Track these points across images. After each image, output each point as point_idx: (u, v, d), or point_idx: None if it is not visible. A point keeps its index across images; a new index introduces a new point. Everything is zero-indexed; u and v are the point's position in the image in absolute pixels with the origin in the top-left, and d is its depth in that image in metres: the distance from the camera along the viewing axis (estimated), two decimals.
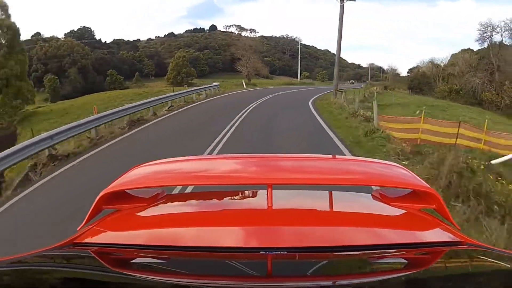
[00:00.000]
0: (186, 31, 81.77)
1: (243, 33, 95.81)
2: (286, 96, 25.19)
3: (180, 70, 52.41)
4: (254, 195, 1.13)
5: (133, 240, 0.86)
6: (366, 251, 0.79)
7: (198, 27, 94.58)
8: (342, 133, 9.90)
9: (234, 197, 1.14)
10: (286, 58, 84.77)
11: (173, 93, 18.92)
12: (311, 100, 20.28)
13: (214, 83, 26.42)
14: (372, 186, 1.13)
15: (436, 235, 0.90)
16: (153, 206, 1.03)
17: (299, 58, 52.87)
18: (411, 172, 1.13)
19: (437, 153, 6.14)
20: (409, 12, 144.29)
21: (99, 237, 0.89)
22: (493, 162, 7.85)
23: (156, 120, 13.62)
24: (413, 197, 1.03)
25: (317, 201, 1.12)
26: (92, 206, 0.99)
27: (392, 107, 22.56)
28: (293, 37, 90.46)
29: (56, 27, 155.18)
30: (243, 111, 14.91)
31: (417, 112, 15.07)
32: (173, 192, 2.84)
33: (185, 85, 32.20)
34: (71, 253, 0.84)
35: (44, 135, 8.79)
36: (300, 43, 74.55)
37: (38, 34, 61.99)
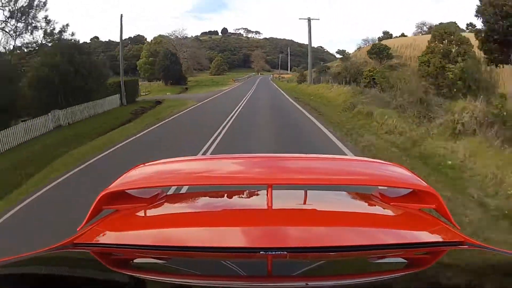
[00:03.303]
0: (201, 33, 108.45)
1: (250, 35, 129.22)
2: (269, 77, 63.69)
3: (219, 66, 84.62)
4: (254, 195, 1.13)
5: (133, 240, 0.86)
6: (366, 251, 0.79)
7: (211, 30, 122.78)
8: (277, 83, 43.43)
9: (234, 197, 1.15)
10: (283, 56, 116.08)
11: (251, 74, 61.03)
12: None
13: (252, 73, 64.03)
14: (372, 186, 1.15)
15: (436, 235, 0.90)
16: (153, 206, 1.04)
17: (288, 57, 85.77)
18: (411, 172, 1.13)
19: None
20: None
21: (99, 237, 0.89)
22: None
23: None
24: (413, 197, 1.03)
25: (317, 201, 1.13)
26: (92, 206, 0.99)
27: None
28: (288, 39, 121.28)
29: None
30: (259, 78, 58.90)
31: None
32: (173, 192, 2.84)
33: (225, 73, 66.32)
34: (71, 253, 0.83)
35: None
36: (295, 42, 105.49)
37: (96, 37, 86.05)
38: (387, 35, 59.79)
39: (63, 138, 14.18)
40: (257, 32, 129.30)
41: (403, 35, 56.00)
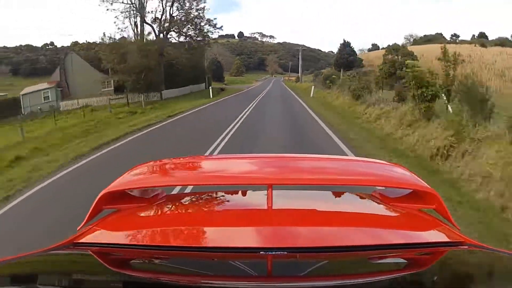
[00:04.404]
0: (219, 36, 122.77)
1: (264, 39, 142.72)
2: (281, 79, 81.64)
3: (239, 68, 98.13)
4: (254, 195, 1.13)
5: (133, 240, 0.86)
6: (366, 251, 0.79)
7: (228, 33, 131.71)
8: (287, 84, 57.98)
9: (234, 197, 1.15)
10: (295, 60, 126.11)
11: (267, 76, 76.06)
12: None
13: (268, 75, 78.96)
14: (372, 186, 1.15)
15: (436, 235, 0.90)
16: (153, 206, 1.04)
17: (300, 61, 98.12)
18: (411, 172, 1.13)
19: None
20: None
21: (99, 237, 0.89)
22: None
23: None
24: (413, 197, 1.03)
25: (317, 201, 1.12)
26: (92, 206, 0.99)
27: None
28: (300, 44, 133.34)
29: None
30: (273, 79, 77.93)
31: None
32: (173, 192, 2.87)
33: (244, 75, 79.97)
34: (71, 253, 0.83)
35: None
36: (306, 47, 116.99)
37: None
38: (375, 47, 71.98)
39: (198, 93, 34.33)
40: (271, 37, 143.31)
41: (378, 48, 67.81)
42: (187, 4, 33.23)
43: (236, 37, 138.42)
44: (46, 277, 0.72)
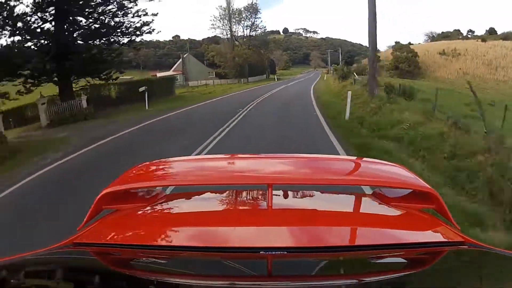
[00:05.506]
0: (265, 32, 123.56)
1: (308, 35, 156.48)
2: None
3: (286, 62, 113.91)
4: (254, 195, 1.13)
5: (133, 240, 0.86)
6: (366, 251, 0.79)
7: (273, 29, 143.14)
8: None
9: (234, 197, 1.15)
10: (336, 54, 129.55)
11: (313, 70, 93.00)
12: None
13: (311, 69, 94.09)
14: (372, 186, 1.16)
15: (436, 235, 0.90)
16: (153, 206, 1.04)
17: (339, 56, 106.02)
18: (411, 172, 1.13)
19: None
20: None
21: (99, 237, 0.89)
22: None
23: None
24: (413, 197, 1.03)
25: (317, 201, 1.13)
26: (92, 206, 0.99)
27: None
28: (342, 39, 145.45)
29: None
30: (315, 72, 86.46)
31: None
32: (173, 192, 3.13)
33: (290, 69, 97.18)
34: (71, 253, 0.83)
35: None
36: (348, 41, 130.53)
37: (177, 36, 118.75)
38: (398, 44, 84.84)
39: (264, 80, 55.40)
40: (314, 32, 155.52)
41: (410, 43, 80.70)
42: (252, 22, 58.31)
43: (282, 33, 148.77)
44: (46, 277, 0.72)
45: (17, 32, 13.94)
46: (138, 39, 18.37)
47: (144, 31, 18.15)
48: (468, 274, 0.74)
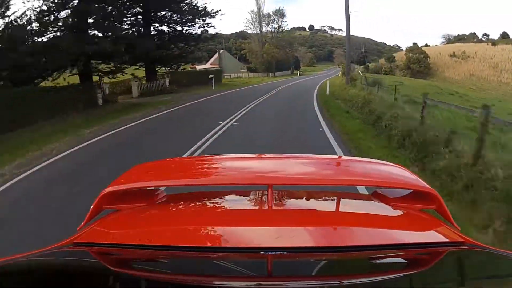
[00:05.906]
0: (291, 29, 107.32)
1: (333, 32, 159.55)
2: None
3: (310, 59, 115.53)
4: (254, 195, 1.13)
5: (133, 240, 0.86)
6: (366, 251, 0.79)
7: (299, 26, 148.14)
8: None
9: (234, 197, 1.15)
10: (360, 52, 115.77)
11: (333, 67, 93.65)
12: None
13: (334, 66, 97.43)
14: (372, 187, 1.16)
15: (436, 235, 0.90)
16: (153, 206, 1.04)
17: (363, 54, 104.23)
18: (411, 172, 1.14)
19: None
20: None
21: (99, 237, 0.90)
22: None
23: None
24: (413, 198, 1.03)
25: (317, 201, 1.13)
26: (93, 206, 0.99)
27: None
28: (366, 37, 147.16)
29: None
30: (336, 69, 78.39)
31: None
32: (172, 192, 3.31)
33: (315, 65, 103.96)
34: (71, 253, 0.84)
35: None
36: (372, 40, 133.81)
37: (205, 31, 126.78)
38: (415, 45, 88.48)
39: (289, 75, 63.00)
40: (339, 30, 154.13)
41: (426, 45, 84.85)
42: (279, 24, 66.59)
43: (307, 30, 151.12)
44: (46, 277, 0.72)
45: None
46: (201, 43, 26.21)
47: (208, 37, 26.92)
48: (468, 275, 0.75)
